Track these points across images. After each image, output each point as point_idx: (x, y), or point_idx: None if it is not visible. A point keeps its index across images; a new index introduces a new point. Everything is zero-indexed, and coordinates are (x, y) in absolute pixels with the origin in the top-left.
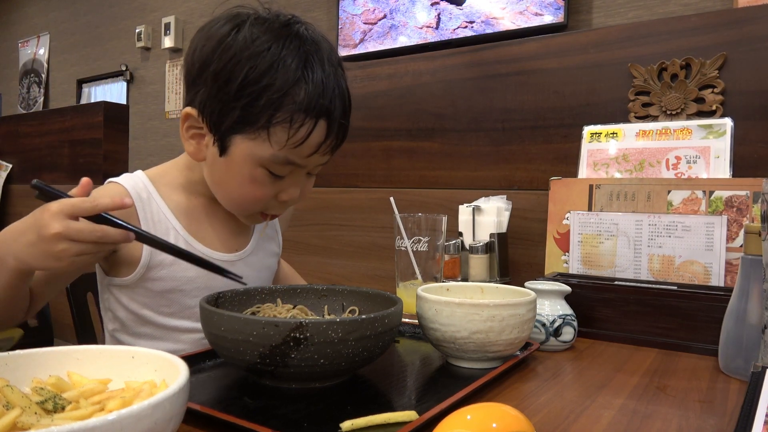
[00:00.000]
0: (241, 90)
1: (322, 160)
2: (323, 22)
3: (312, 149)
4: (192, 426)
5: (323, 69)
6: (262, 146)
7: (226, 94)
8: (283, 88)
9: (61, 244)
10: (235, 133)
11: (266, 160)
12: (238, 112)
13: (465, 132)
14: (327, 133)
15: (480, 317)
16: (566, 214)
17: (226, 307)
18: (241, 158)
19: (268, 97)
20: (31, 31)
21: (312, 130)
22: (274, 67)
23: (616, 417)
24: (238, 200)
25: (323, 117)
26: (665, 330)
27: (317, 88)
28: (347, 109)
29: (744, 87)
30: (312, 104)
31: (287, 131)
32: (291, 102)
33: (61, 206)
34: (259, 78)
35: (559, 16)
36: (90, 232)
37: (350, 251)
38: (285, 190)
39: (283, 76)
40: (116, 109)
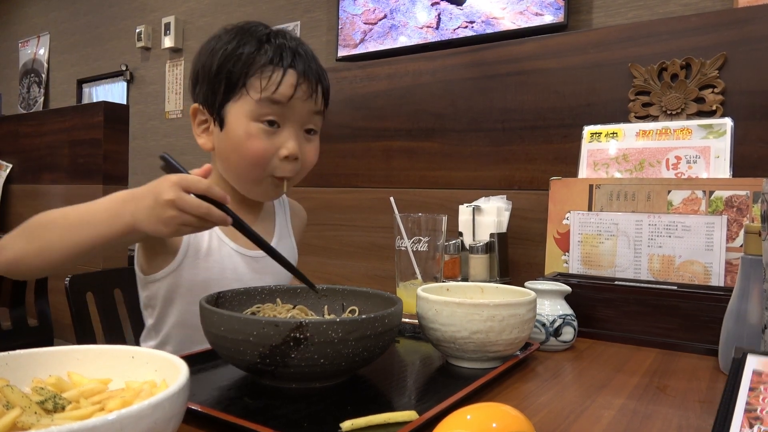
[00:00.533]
0: (221, 68)
1: (308, 106)
2: (323, 22)
3: (290, 90)
4: (192, 426)
5: (285, 39)
6: (246, 101)
7: (212, 77)
8: (250, 54)
9: (171, 211)
10: (225, 103)
11: (254, 112)
12: (223, 85)
13: (465, 132)
14: (298, 77)
15: (480, 317)
16: (566, 214)
17: (226, 307)
18: (235, 121)
19: (240, 64)
20: (31, 31)
21: (283, 75)
22: (242, 43)
23: (616, 417)
24: (245, 164)
25: (290, 67)
26: (665, 330)
27: (279, 48)
28: (316, 66)
29: (744, 87)
30: (277, 57)
31: (260, 80)
32: (258, 62)
33: (179, 179)
34: (231, 54)
35: (559, 16)
36: (197, 207)
37: (350, 251)
38: (283, 144)
39: (249, 48)
40: (116, 109)
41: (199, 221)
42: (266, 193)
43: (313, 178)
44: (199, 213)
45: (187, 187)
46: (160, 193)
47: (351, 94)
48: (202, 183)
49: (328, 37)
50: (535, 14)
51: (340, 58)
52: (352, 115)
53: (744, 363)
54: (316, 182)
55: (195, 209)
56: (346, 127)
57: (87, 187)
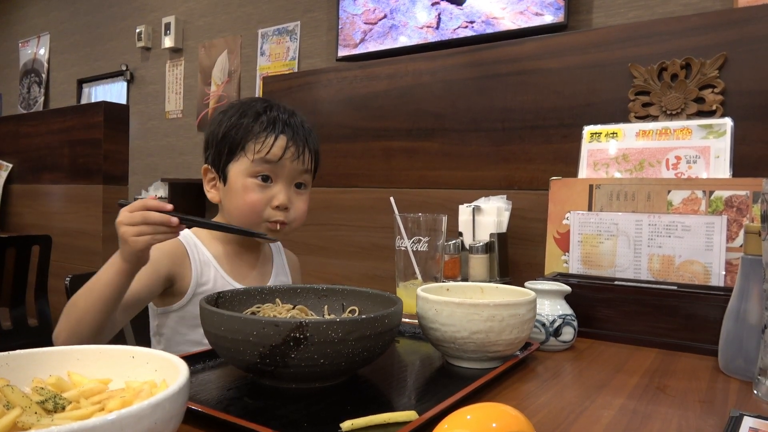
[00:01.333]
0: (225, 135)
1: (296, 166)
2: (323, 22)
3: (280, 152)
4: (192, 426)
5: (279, 110)
6: (244, 161)
7: (218, 142)
8: (249, 123)
9: (122, 228)
10: (228, 163)
11: (249, 170)
12: (226, 148)
13: (465, 132)
14: (288, 141)
15: (480, 317)
16: (566, 214)
17: (226, 307)
18: (235, 177)
19: (242, 130)
20: (31, 31)
21: (274, 140)
22: (243, 115)
23: (616, 417)
24: (242, 211)
25: (281, 133)
26: (665, 330)
27: (273, 117)
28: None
29: (744, 87)
30: (270, 126)
31: (254, 144)
32: (255, 129)
33: (124, 208)
34: (233, 124)
35: (559, 16)
36: (138, 216)
37: (350, 251)
38: (275, 196)
39: (248, 119)
40: (116, 109)
41: (149, 227)
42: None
43: None
44: (138, 220)
45: (129, 209)
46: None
47: (351, 94)
48: (139, 202)
49: (328, 37)
50: (535, 14)
51: (340, 58)
52: (352, 115)
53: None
54: (316, 182)
55: (135, 218)
56: (346, 127)
57: (87, 187)
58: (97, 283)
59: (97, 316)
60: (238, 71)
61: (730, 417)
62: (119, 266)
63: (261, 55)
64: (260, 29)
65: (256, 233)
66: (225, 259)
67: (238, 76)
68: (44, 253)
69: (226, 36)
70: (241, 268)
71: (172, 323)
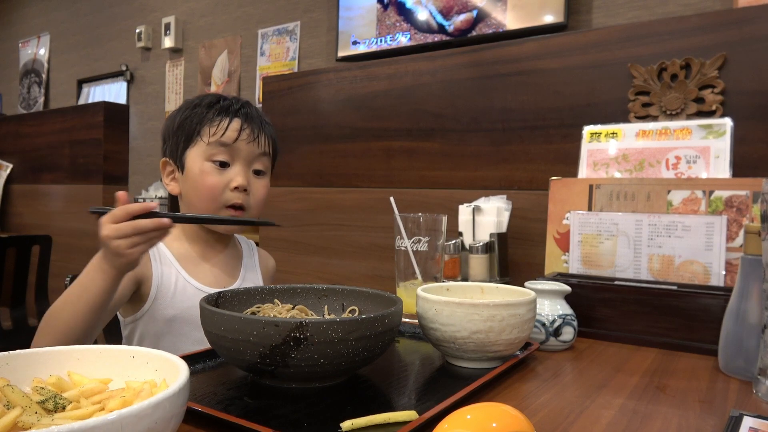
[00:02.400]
0: (181, 124)
1: (253, 148)
2: (323, 22)
3: (234, 134)
4: (192, 426)
5: (233, 101)
6: (200, 146)
7: (174, 131)
8: (204, 109)
9: (114, 243)
10: (185, 150)
11: (206, 152)
12: (183, 136)
13: (465, 132)
14: (243, 123)
15: (480, 317)
16: (566, 214)
17: (226, 307)
18: (192, 163)
19: (194, 119)
20: (31, 31)
21: (229, 123)
22: (197, 105)
23: (616, 417)
24: (201, 195)
25: (235, 115)
26: (665, 330)
27: (227, 104)
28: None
29: (744, 87)
30: (224, 110)
31: (210, 127)
32: (210, 115)
33: (105, 218)
34: (190, 112)
35: (560, 16)
36: (129, 228)
37: (350, 251)
38: (233, 178)
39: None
40: (116, 109)
41: (143, 236)
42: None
43: (313, 178)
44: (132, 231)
45: (112, 220)
46: (100, 237)
47: (351, 94)
48: (120, 210)
49: (328, 37)
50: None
51: (340, 58)
52: (352, 115)
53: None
54: (316, 182)
55: (128, 230)
56: (346, 127)
57: (87, 187)
58: (85, 292)
59: (86, 325)
60: (238, 71)
61: (730, 417)
62: (109, 273)
63: (261, 55)
64: (260, 29)
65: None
66: (188, 260)
67: (238, 76)
68: (44, 253)
69: (226, 36)
70: (206, 269)
71: (139, 330)
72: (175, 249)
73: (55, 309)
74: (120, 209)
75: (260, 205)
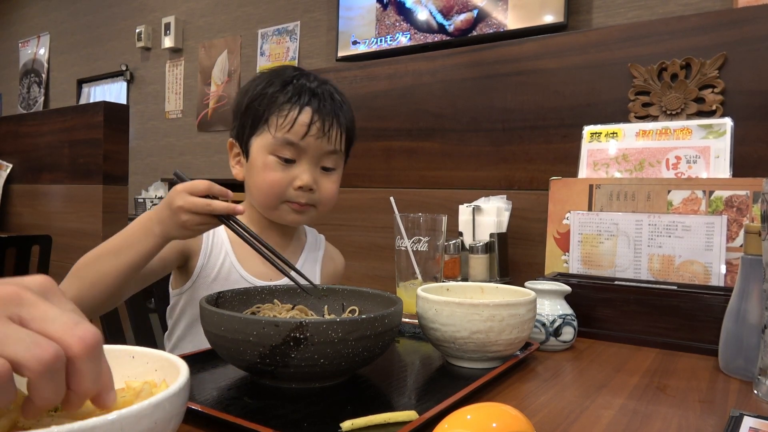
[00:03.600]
0: (249, 106)
1: (322, 145)
2: (323, 22)
3: (303, 129)
4: (192, 426)
5: (308, 80)
6: (266, 136)
7: (242, 114)
8: (274, 92)
9: (184, 216)
10: (251, 137)
11: (271, 146)
12: (249, 121)
13: (465, 132)
14: (312, 116)
15: (480, 317)
16: (566, 214)
17: (226, 307)
18: (256, 152)
19: (263, 103)
20: (31, 31)
21: (298, 114)
22: (269, 84)
23: (616, 417)
24: (263, 190)
25: (307, 105)
26: (665, 330)
27: (299, 86)
28: (336, 107)
29: (744, 87)
30: (296, 97)
31: (278, 117)
32: (280, 100)
33: (184, 186)
34: (258, 94)
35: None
36: (201, 204)
37: (350, 251)
38: (298, 176)
39: (273, 89)
40: (116, 109)
41: (210, 218)
42: (282, 218)
43: None
44: (203, 209)
45: (191, 191)
46: (172, 202)
47: (351, 94)
48: (203, 184)
49: (328, 37)
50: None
51: (340, 58)
52: None
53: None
54: None
55: (201, 207)
56: None
57: (87, 187)
58: (128, 249)
59: (117, 281)
60: (238, 71)
61: (730, 417)
62: (159, 238)
63: (261, 55)
64: (260, 29)
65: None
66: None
67: (238, 76)
68: (44, 253)
69: (226, 36)
70: (256, 259)
71: (179, 306)
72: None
73: (90, 258)
74: (203, 183)
75: (329, 203)
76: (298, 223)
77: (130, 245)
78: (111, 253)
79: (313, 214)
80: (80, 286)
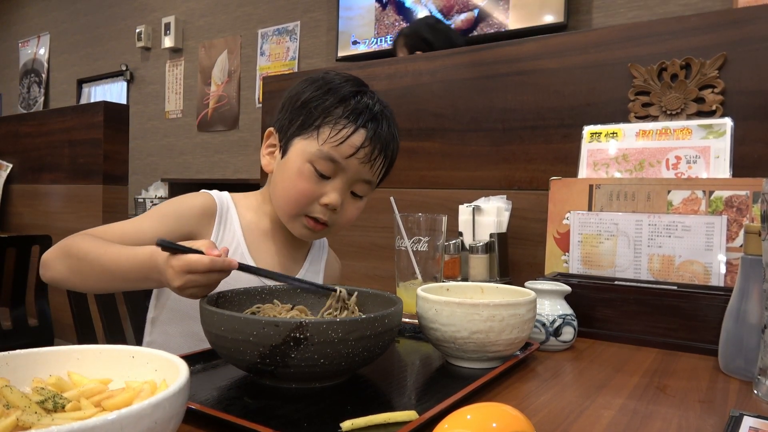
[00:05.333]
0: (306, 103)
1: (363, 170)
2: (323, 22)
3: (351, 150)
4: (192, 426)
5: (372, 100)
6: (311, 143)
7: (294, 108)
8: (335, 102)
9: (187, 291)
10: (295, 137)
11: (313, 155)
12: (301, 119)
13: (465, 132)
14: (364, 140)
15: (480, 317)
16: (566, 214)
17: (226, 307)
18: (295, 155)
19: (323, 106)
20: (31, 31)
21: (351, 134)
22: (332, 89)
23: (616, 417)
24: (286, 195)
25: (363, 127)
26: (665, 330)
27: (362, 105)
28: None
29: (744, 87)
30: (354, 115)
31: (331, 129)
32: (339, 111)
33: (181, 266)
34: (320, 95)
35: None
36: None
37: (350, 251)
38: (327, 193)
39: (336, 95)
40: (116, 109)
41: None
42: (293, 228)
43: None
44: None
45: (189, 270)
46: (169, 281)
47: None
48: (203, 261)
49: (328, 37)
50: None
51: (340, 58)
52: None
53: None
54: None
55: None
56: None
57: (87, 187)
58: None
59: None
60: (238, 71)
61: (730, 417)
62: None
63: (261, 55)
64: (260, 29)
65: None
66: (253, 233)
67: (238, 76)
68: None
69: (226, 36)
70: (270, 250)
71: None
72: (245, 219)
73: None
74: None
75: (344, 227)
76: (306, 239)
77: (123, 277)
78: (104, 270)
79: (323, 234)
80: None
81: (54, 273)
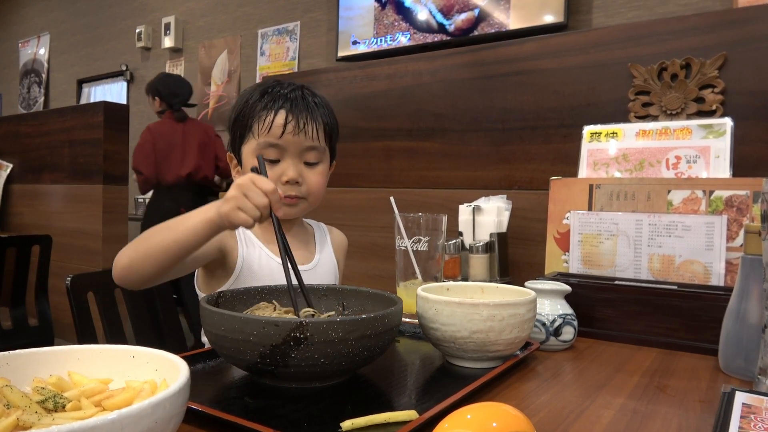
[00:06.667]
0: (236, 118)
1: (301, 141)
2: (323, 22)
3: (279, 129)
4: (192, 426)
5: (284, 87)
6: (251, 143)
7: (232, 127)
8: (255, 102)
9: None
10: (241, 146)
11: (256, 149)
12: (238, 131)
13: (465, 132)
14: (287, 116)
15: (480, 317)
16: (566, 214)
17: (226, 307)
18: (246, 158)
19: (246, 111)
20: (31, 31)
21: (275, 116)
22: (248, 97)
23: (616, 417)
24: None
25: (281, 108)
26: (665, 330)
27: (275, 93)
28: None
29: (744, 87)
30: (272, 102)
31: (258, 123)
32: (258, 108)
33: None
34: (242, 106)
35: (560, 16)
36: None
37: (350, 251)
38: (284, 172)
39: (253, 99)
40: (116, 109)
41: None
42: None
43: None
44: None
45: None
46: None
47: (351, 94)
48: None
49: (328, 37)
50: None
51: (340, 58)
52: (352, 115)
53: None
54: None
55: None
56: (346, 127)
57: (87, 187)
58: (180, 226)
59: (166, 257)
60: (238, 71)
61: (722, 393)
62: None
63: (261, 55)
64: (260, 29)
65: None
66: (267, 240)
67: (238, 76)
68: (44, 253)
69: (226, 36)
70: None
71: None
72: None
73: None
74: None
75: (318, 194)
76: (291, 216)
77: (183, 223)
78: (165, 228)
79: (305, 206)
80: (133, 255)
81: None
